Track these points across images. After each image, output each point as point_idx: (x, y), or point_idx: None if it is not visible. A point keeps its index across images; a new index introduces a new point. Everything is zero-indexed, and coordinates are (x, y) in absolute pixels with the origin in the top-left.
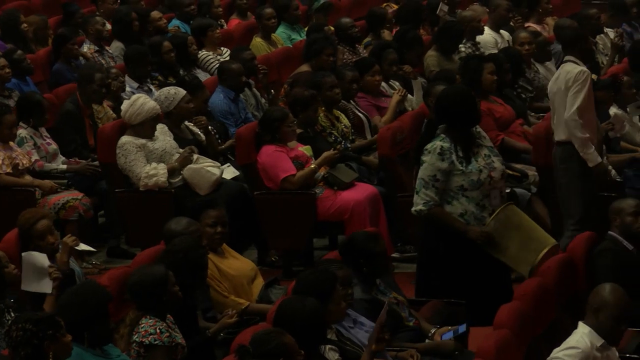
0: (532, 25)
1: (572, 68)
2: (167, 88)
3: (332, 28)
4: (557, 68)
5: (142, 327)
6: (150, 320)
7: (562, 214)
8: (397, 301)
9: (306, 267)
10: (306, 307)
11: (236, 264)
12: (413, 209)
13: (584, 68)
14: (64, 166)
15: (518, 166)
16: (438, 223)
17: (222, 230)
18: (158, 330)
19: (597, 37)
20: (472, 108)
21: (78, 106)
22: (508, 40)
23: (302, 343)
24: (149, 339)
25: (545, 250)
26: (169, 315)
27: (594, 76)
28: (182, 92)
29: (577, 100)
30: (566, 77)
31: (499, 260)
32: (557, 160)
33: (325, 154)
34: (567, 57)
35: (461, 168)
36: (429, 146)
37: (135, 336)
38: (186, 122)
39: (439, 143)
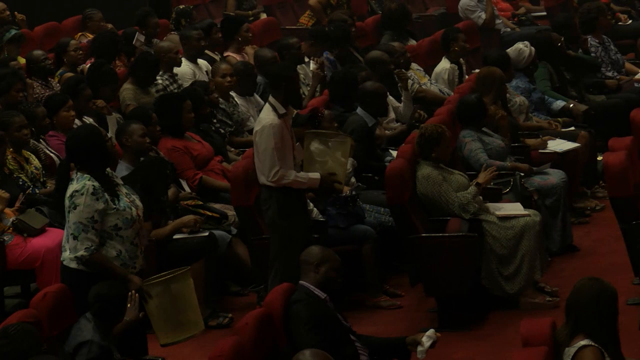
0: (232, 55)
1: (265, 116)
2: None
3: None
4: (262, 99)
5: None
6: None
7: None
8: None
9: None
10: None
11: None
12: (71, 255)
13: (275, 119)
14: None
15: (217, 206)
16: (96, 268)
17: None
18: None
19: (298, 67)
20: (103, 147)
21: None
22: (207, 71)
23: None
24: None
25: (189, 336)
26: None
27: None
28: None
29: (268, 157)
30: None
31: None
32: (260, 201)
33: None
34: (270, 98)
35: (115, 206)
36: (77, 187)
37: None
38: None
39: (88, 183)
